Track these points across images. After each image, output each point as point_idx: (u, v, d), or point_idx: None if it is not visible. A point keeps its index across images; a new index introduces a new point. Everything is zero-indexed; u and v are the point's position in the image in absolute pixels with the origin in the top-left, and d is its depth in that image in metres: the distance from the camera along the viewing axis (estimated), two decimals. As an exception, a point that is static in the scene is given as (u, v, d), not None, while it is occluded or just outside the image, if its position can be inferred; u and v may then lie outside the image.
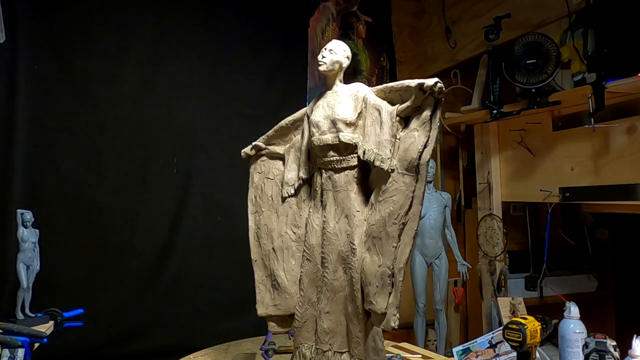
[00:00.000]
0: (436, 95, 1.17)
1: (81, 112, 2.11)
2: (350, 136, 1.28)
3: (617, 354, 1.35)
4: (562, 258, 2.61)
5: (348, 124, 1.28)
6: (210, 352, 1.79)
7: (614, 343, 1.37)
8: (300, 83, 2.58)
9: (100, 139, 2.14)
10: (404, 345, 1.90)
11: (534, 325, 1.35)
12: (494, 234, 2.46)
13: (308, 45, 2.62)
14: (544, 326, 1.38)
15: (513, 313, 2.10)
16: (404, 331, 2.44)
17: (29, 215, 1.59)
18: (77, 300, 1.81)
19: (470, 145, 2.73)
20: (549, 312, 1.59)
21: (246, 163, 1.54)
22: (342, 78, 1.39)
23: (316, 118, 1.33)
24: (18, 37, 1.98)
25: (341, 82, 1.38)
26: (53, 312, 1.64)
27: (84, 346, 2.02)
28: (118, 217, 2.15)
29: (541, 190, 2.19)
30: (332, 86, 1.37)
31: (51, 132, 2.05)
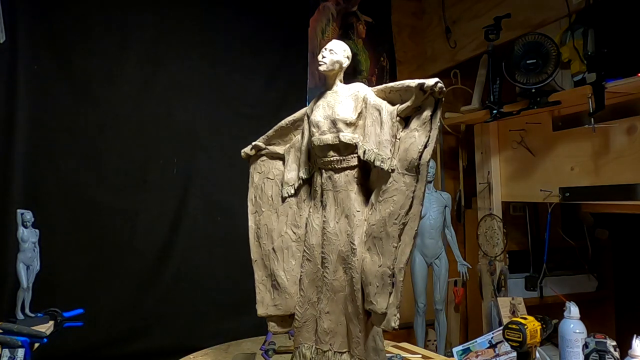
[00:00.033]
0: (437, 95, 1.17)
1: (81, 112, 2.11)
2: (350, 136, 1.28)
3: (617, 354, 1.35)
4: (562, 258, 2.61)
5: (348, 124, 1.28)
6: (210, 352, 1.79)
7: (614, 343, 1.37)
8: (300, 83, 2.58)
9: (100, 139, 2.14)
10: (404, 345, 1.90)
11: (534, 325, 1.35)
12: (494, 234, 2.46)
13: (308, 45, 2.62)
14: (544, 326, 1.38)
15: (513, 313, 2.10)
16: (404, 331, 2.44)
17: (29, 215, 1.59)
18: (77, 300, 1.81)
19: (470, 145, 2.73)
20: (549, 312, 1.59)
21: (246, 163, 1.54)
22: (342, 78, 1.39)
23: (316, 118, 1.33)
24: (18, 37, 1.98)
25: (341, 82, 1.38)
26: (53, 312, 1.63)
27: (84, 346, 2.02)
28: (118, 217, 2.15)
29: (541, 190, 2.19)
30: (332, 86, 1.37)
31: (51, 132, 2.05)
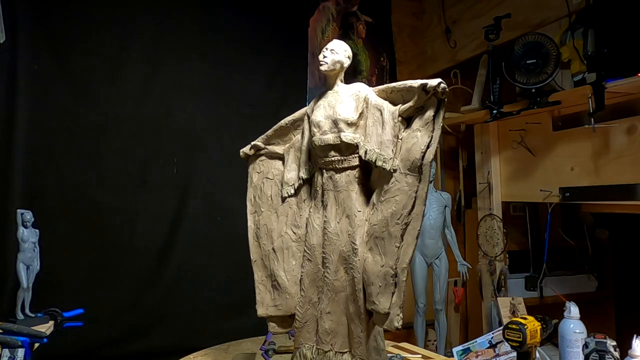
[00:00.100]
0: (439, 95, 1.17)
1: (81, 112, 2.11)
2: (351, 136, 1.28)
3: (617, 354, 1.35)
4: (562, 258, 2.61)
5: (349, 124, 1.28)
6: (210, 352, 1.79)
7: (614, 343, 1.37)
8: (300, 83, 2.58)
9: (100, 139, 2.14)
10: (404, 345, 1.90)
11: (534, 325, 1.35)
12: (494, 234, 2.46)
13: (308, 45, 2.62)
14: (544, 326, 1.38)
15: (513, 313, 2.10)
16: (404, 331, 2.44)
17: (29, 215, 1.58)
18: (77, 300, 1.80)
19: (470, 145, 2.73)
20: (549, 312, 1.58)
21: (246, 163, 1.54)
22: (343, 78, 1.39)
23: (317, 118, 1.33)
24: (18, 37, 1.98)
25: (342, 82, 1.38)
26: (53, 312, 1.63)
27: (84, 346, 2.02)
28: (118, 217, 2.15)
29: (541, 190, 2.19)
30: (333, 86, 1.36)
31: (51, 132, 2.05)
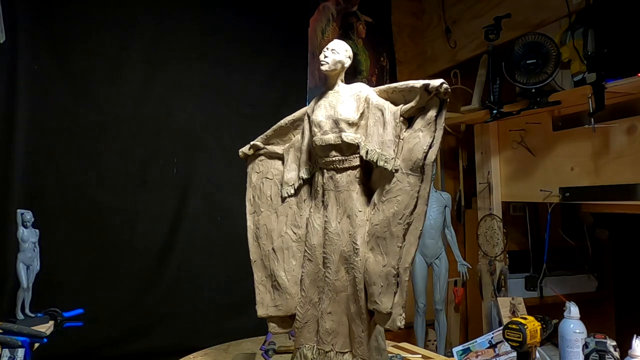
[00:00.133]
0: (441, 95, 1.17)
1: (81, 112, 2.11)
2: (352, 136, 1.28)
3: (617, 354, 1.35)
4: (562, 258, 2.61)
5: (350, 124, 1.28)
6: (210, 352, 1.78)
7: (614, 343, 1.37)
8: (300, 83, 2.58)
9: (100, 139, 2.14)
10: (404, 345, 1.90)
11: (534, 325, 1.35)
12: (494, 234, 2.46)
13: (308, 45, 2.62)
14: (544, 326, 1.38)
15: (513, 313, 2.09)
16: (404, 331, 2.44)
17: (29, 215, 1.58)
18: (77, 300, 1.80)
19: (470, 145, 2.73)
20: (549, 312, 1.58)
21: (245, 163, 1.54)
22: (343, 78, 1.39)
23: (318, 118, 1.33)
24: (18, 37, 1.98)
25: (342, 82, 1.37)
26: (53, 312, 1.63)
27: (84, 346, 2.02)
28: (118, 217, 2.15)
29: (541, 190, 2.19)
30: (334, 86, 1.36)
31: (51, 132, 2.05)
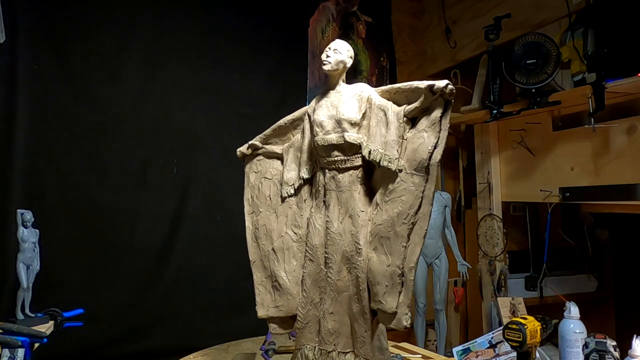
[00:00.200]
0: (447, 96, 1.18)
1: (81, 112, 2.11)
2: (355, 136, 1.28)
3: (617, 354, 1.35)
4: (562, 258, 2.61)
5: (353, 124, 1.28)
6: (210, 352, 1.79)
7: (614, 343, 1.37)
8: (300, 83, 2.58)
9: (100, 139, 2.14)
10: (404, 345, 1.90)
11: (534, 325, 1.35)
12: (494, 234, 2.46)
13: (308, 45, 2.62)
14: (544, 326, 1.38)
15: (513, 313, 2.09)
16: (404, 331, 2.44)
17: (29, 215, 1.58)
18: (77, 300, 1.80)
19: (470, 145, 2.73)
20: (549, 312, 1.58)
21: (245, 162, 1.54)
22: (345, 78, 1.38)
23: (320, 117, 1.33)
24: (18, 37, 1.98)
25: (344, 82, 1.37)
26: (53, 312, 1.63)
27: (84, 346, 2.02)
28: (118, 217, 2.14)
29: (541, 190, 2.19)
30: (336, 86, 1.36)
31: (51, 132, 2.05)
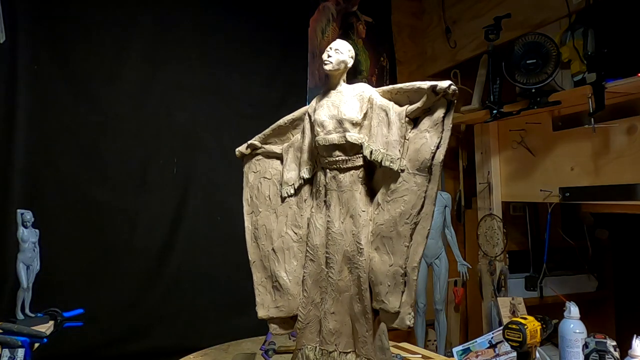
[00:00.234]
0: (449, 97, 1.18)
1: (81, 112, 2.11)
2: (357, 136, 1.28)
3: (617, 354, 1.35)
4: (562, 258, 2.61)
5: (354, 124, 1.28)
6: (210, 352, 1.78)
7: (614, 343, 1.37)
8: (300, 83, 2.58)
9: (100, 139, 2.14)
10: (404, 345, 1.90)
11: (534, 325, 1.35)
12: (494, 234, 2.46)
13: (308, 45, 2.62)
14: (544, 326, 1.38)
15: (513, 313, 2.09)
16: (404, 331, 2.44)
17: (29, 215, 1.58)
18: (77, 300, 1.81)
19: (470, 145, 2.73)
20: (549, 312, 1.58)
21: (246, 162, 1.54)
22: (345, 78, 1.38)
23: (321, 117, 1.32)
24: (18, 37, 1.98)
25: (345, 82, 1.37)
26: (53, 312, 1.63)
27: (84, 346, 2.02)
28: (118, 217, 2.15)
29: (541, 190, 2.19)
30: (336, 86, 1.36)
31: (51, 132, 2.05)
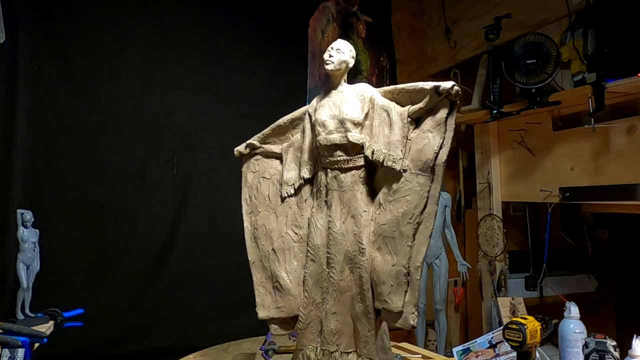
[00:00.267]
0: (452, 97, 1.18)
1: (81, 112, 2.11)
2: (358, 136, 1.28)
3: (617, 354, 1.35)
4: (562, 258, 2.61)
5: (356, 124, 1.28)
6: (210, 352, 1.79)
7: (614, 343, 1.37)
8: (300, 83, 2.58)
9: (100, 139, 2.14)
10: (404, 345, 1.90)
11: (534, 325, 1.35)
12: (494, 234, 2.46)
13: (308, 45, 2.62)
14: (544, 326, 1.38)
15: (513, 313, 2.09)
16: (404, 331, 2.44)
17: (29, 215, 1.58)
18: (77, 300, 1.81)
19: (470, 145, 2.73)
20: (549, 312, 1.58)
21: (245, 162, 1.53)
22: (346, 78, 1.38)
23: (322, 117, 1.32)
24: (18, 37, 1.98)
25: (345, 82, 1.37)
26: (53, 312, 1.63)
27: (84, 346, 2.02)
28: (118, 217, 2.15)
29: (541, 190, 2.19)
30: (337, 86, 1.36)
31: (51, 132, 2.05)
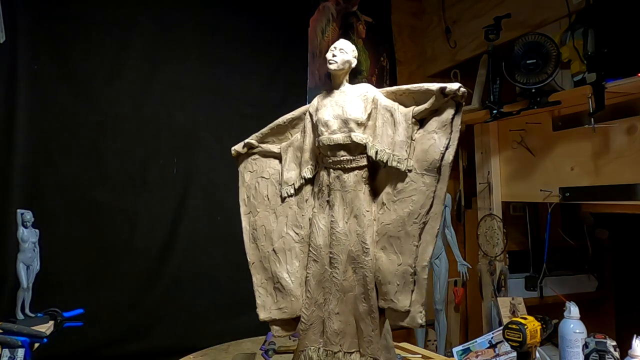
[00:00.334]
0: (458, 99, 1.19)
1: (81, 112, 2.11)
2: (362, 136, 1.28)
3: (617, 354, 1.35)
4: (562, 258, 2.61)
5: (359, 124, 1.28)
6: (210, 352, 1.79)
7: (614, 343, 1.37)
8: (300, 83, 2.58)
9: (100, 139, 2.14)
10: (404, 345, 1.90)
11: (534, 325, 1.35)
12: (494, 234, 2.46)
13: (308, 45, 2.62)
14: (544, 326, 1.38)
15: (513, 313, 2.09)
16: (404, 331, 2.44)
17: (29, 215, 1.58)
18: (77, 300, 1.81)
19: (470, 145, 2.73)
20: (549, 312, 1.58)
21: (243, 161, 1.53)
22: (348, 78, 1.38)
23: (325, 117, 1.32)
24: (18, 37, 1.98)
25: (347, 82, 1.37)
26: (53, 312, 1.63)
27: (84, 346, 2.02)
28: (118, 217, 2.15)
29: (541, 190, 2.19)
30: (340, 86, 1.36)
31: (51, 132, 2.05)
